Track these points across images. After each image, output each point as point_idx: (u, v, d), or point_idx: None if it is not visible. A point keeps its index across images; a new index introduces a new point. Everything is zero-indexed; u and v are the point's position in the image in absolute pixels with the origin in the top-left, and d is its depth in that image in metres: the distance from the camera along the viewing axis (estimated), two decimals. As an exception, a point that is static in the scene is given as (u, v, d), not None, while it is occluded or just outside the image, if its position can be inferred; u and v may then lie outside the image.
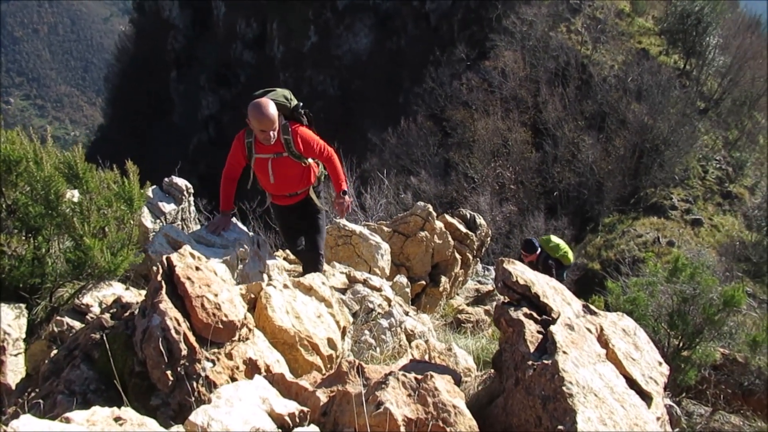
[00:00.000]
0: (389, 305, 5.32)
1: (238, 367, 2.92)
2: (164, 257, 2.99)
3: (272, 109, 4.43)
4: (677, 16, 31.87)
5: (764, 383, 5.71)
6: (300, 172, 4.90)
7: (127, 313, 3.09)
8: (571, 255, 8.70)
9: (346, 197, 4.86)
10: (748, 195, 26.82)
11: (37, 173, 3.14)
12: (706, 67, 30.97)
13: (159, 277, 2.89)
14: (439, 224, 8.39)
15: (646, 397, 2.47)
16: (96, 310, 3.45)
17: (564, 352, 2.30)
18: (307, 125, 4.92)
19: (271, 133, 4.47)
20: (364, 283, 5.63)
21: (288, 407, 2.33)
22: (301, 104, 4.87)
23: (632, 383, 2.47)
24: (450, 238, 8.52)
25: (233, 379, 2.83)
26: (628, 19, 34.62)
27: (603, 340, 2.59)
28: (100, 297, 3.53)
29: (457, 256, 8.70)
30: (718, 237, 24.57)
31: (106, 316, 3.06)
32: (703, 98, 30.41)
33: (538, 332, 2.51)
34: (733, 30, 32.64)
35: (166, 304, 2.75)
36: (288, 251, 6.56)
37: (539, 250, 8.57)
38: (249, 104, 4.45)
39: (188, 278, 2.90)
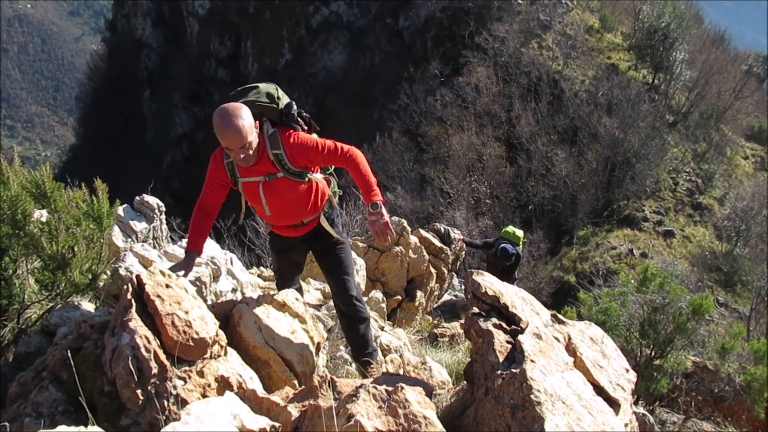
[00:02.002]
0: (364, 320, 5.31)
1: (210, 385, 2.90)
2: (134, 275, 2.97)
3: (240, 120, 3.25)
4: (645, 32, 32.60)
5: (734, 390, 5.81)
6: (302, 195, 3.74)
7: (96, 333, 3.06)
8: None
9: (383, 212, 3.42)
10: (717, 206, 27.37)
11: (4, 193, 3.10)
12: (674, 82, 31.66)
13: (128, 296, 2.87)
14: (413, 239, 8.43)
15: (613, 403, 2.51)
16: (65, 330, 3.40)
17: (532, 361, 2.34)
18: (305, 131, 3.76)
19: (240, 152, 3.31)
20: (339, 298, 5.62)
21: (259, 423, 2.32)
22: (294, 103, 3.69)
23: (600, 390, 2.51)
24: (425, 253, 8.56)
25: (205, 397, 2.81)
26: (597, 35, 35.32)
27: (571, 349, 2.63)
28: (69, 317, 3.49)
29: (432, 270, 8.74)
30: (690, 248, 25.01)
31: (75, 336, 3.02)
32: (671, 112, 31.06)
33: (508, 342, 2.55)
34: (698, 45, 33.44)
35: (135, 323, 2.74)
36: (262, 269, 6.51)
37: (514, 249, 8.74)
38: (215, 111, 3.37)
39: (158, 296, 2.89)
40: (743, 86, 32.82)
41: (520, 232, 9.06)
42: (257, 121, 3.45)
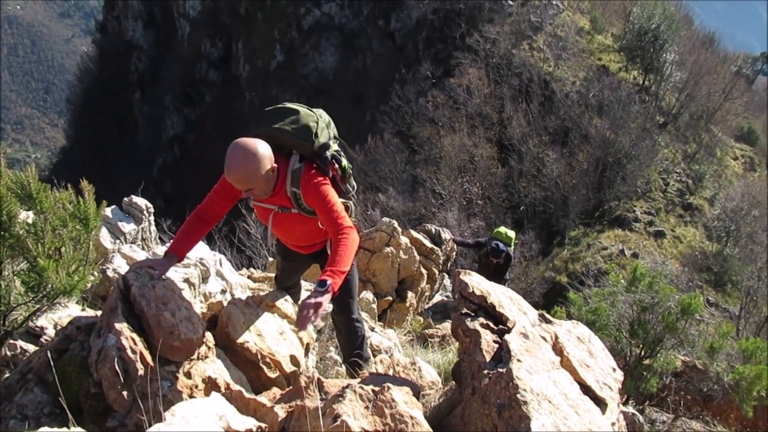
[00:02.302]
0: (354, 321, 5.31)
1: (197, 386, 2.89)
2: (120, 276, 2.96)
3: (249, 163, 3.00)
4: (635, 33, 32.75)
5: (723, 389, 5.84)
6: (313, 230, 3.61)
7: (82, 335, 3.04)
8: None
9: (322, 299, 2.84)
10: (707, 206, 27.53)
11: (-11, 194, 3.08)
12: (664, 83, 31.84)
13: (115, 297, 2.86)
14: (404, 240, 8.43)
15: (600, 403, 2.52)
16: (51, 332, 3.39)
17: (518, 360, 2.34)
18: (335, 177, 3.49)
19: (244, 193, 3.21)
20: (329, 299, 5.61)
21: (245, 423, 2.32)
22: (331, 143, 3.42)
23: (587, 390, 2.52)
24: (416, 254, 8.57)
25: (192, 398, 2.80)
26: (588, 36, 35.47)
27: (558, 348, 2.63)
28: (55, 319, 3.47)
29: (423, 271, 8.74)
30: (681, 248, 25.14)
31: (61, 337, 3.00)
32: (661, 113, 31.23)
33: (495, 342, 2.55)
34: (688, 47, 33.64)
35: (121, 324, 2.72)
36: (252, 270, 6.48)
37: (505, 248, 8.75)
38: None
39: (144, 297, 2.87)
40: (733, 87, 33.05)
41: (511, 233, 9.06)
42: (282, 155, 3.28)
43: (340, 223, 3.18)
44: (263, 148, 3.07)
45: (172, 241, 3.41)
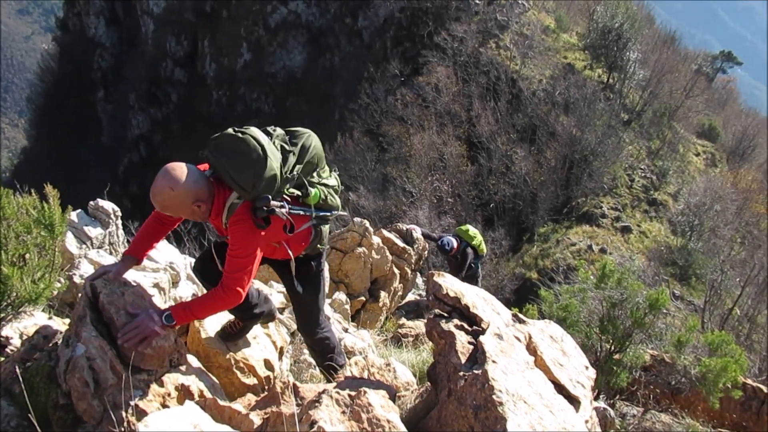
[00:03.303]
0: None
1: (170, 394, 2.84)
2: (88, 283, 2.89)
3: (169, 194, 2.77)
4: (599, 32, 33.24)
5: (690, 381, 5.97)
6: (274, 251, 3.36)
7: (50, 344, 2.97)
8: (485, 247, 9.45)
9: (161, 329, 2.82)
10: (671, 202, 28.10)
11: (-51, 201, 2.99)
12: (628, 81, 32.37)
13: (83, 304, 2.79)
14: (376, 240, 8.43)
15: (574, 401, 2.55)
16: (16, 342, 3.29)
17: (493, 362, 2.36)
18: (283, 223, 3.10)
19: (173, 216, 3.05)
20: (302, 301, 5.58)
21: (220, 432, 2.28)
22: (269, 200, 2.91)
23: (560, 388, 2.54)
24: (388, 253, 8.57)
25: (165, 407, 2.75)
26: (553, 35, 35.89)
27: (531, 348, 2.66)
28: (20, 328, 3.37)
29: (396, 270, 8.76)
30: (647, 243, 25.61)
31: (27, 347, 2.93)
32: (626, 110, 31.76)
33: (469, 343, 2.56)
34: (650, 45, 34.25)
35: (90, 332, 2.66)
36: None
37: (456, 243, 8.88)
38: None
39: (113, 304, 2.82)
40: (693, 85, 33.78)
41: (474, 232, 9.27)
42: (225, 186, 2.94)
43: (226, 277, 2.92)
44: (188, 183, 2.78)
45: (131, 243, 3.29)
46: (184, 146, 43.56)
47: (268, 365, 3.79)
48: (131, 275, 3.26)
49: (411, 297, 10.11)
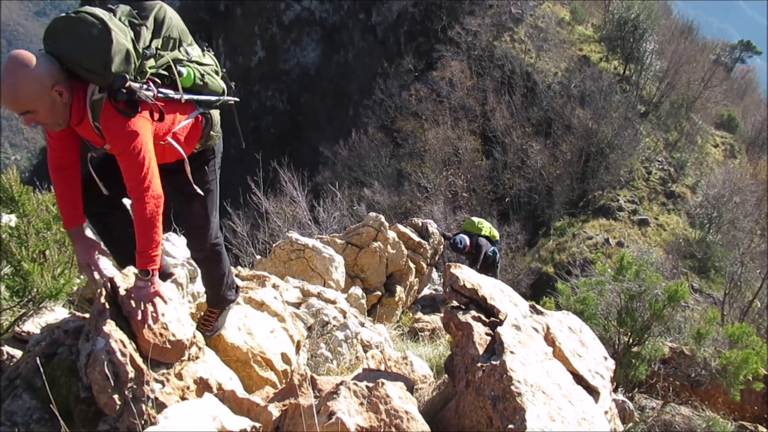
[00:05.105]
0: (344, 317, 5.30)
1: (188, 387, 2.86)
2: (107, 278, 2.92)
3: (20, 75, 2.35)
4: (615, 23, 32.96)
5: (710, 374, 5.91)
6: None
7: (70, 338, 3.00)
8: (495, 231, 9.09)
9: (154, 281, 2.72)
10: (690, 194, 27.81)
11: (-30, 198, 3.03)
12: (645, 72, 32.07)
13: (102, 299, 2.82)
14: (391, 234, 8.43)
15: (593, 391, 2.53)
16: (38, 337, 3.33)
17: (511, 352, 2.35)
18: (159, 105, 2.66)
19: (26, 118, 2.48)
20: (318, 296, 5.61)
21: (239, 424, 2.30)
22: (127, 77, 2.48)
23: (579, 379, 2.53)
24: (403, 248, 8.57)
25: (184, 400, 2.78)
26: (568, 27, 35.62)
27: (550, 339, 2.64)
28: (42, 323, 3.42)
29: (411, 265, 8.75)
30: (664, 236, 25.38)
31: (49, 342, 2.96)
32: (642, 102, 31.47)
33: (487, 334, 2.55)
34: (667, 36, 33.91)
35: (110, 326, 2.68)
36: (239, 269, 6.43)
37: (468, 240, 8.75)
38: None
39: (133, 298, 2.84)
40: (712, 75, 33.36)
41: (479, 221, 9.07)
42: (80, 80, 2.50)
43: (132, 189, 2.60)
44: (42, 62, 2.39)
45: (62, 216, 2.91)
46: (200, 144, 43.80)
47: (286, 359, 3.81)
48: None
49: (427, 291, 10.10)
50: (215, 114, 3.13)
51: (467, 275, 2.82)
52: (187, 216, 3.20)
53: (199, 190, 3.03)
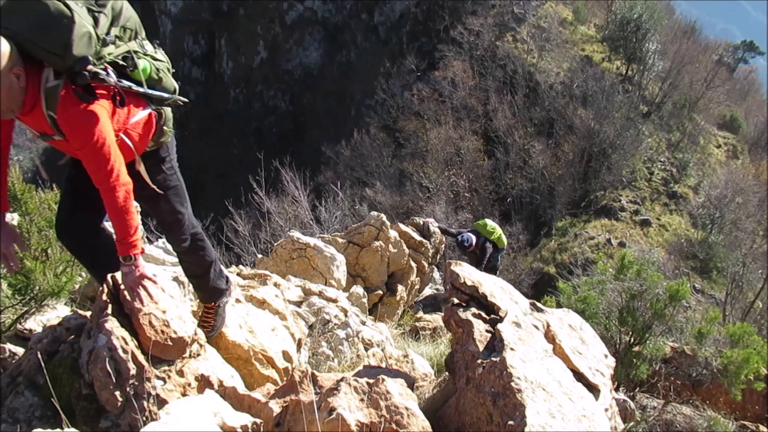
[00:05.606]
0: (345, 316, 5.31)
1: (190, 384, 2.88)
2: (109, 276, 2.93)
3: None
4: (617, 23, 32.92)
5: (711, 373, 5.90)
6: None
7: (72, 336, 3.01)
8: (504, 239, 9.22)
9: (138, 264, 2.70)
10: (692, 194, 27.77)
11: (-27, 196, 3.04)
12: (647, 72, 32.03)
13: (104, 297, 2.83)
14: (393, 233, 8.44)
15: (593, 389, 2.53)
16: (40, 334, 3.35)
17: (512, 349, 2.35)
18: (118, 93, 2.59)
19: None
20: (320, 294, 5.62)
21: (240, 420, 2.31)
22: (89, 58, 2.40)
23: (580, 376, 2.53)
24: (405, 247, 8.57)
25: (185, 397, 2.79)
26: (571, 27, 35.59)
27: (550, 336, 2.65)
28: (44, 321, 3.43)
29: (413, 264, 8.75)
30: (666, 236, 25.35)
31: (50, 339, 2.97)
32: (645, 102, 31.42)
33: (487, 331, 2.56)
34: (670, 36, 33.86)
35: (112, 324, 2.70)
36: (241, 268, 6.44)
37: (474, 239, 8.79)
38: None
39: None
40: (714, 76, 33.30)
41: (492, 225, 9.12)
42: (34, 64, 2.38)
43: (99, 181, 2.53)
44: (1, 44, 2.23)
45: None
46: (202, 144, 43.92)
47: (287, 357, 3.82)
48: (152, 269, 3.28)
49: (428, 291, 10.11)
50: (167, 111, 3.07)
51: (468, 272, 2.83)
52: (156, 215, 3.13)
53: (158, 190, 2.95)
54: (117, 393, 2.63)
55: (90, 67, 2.39)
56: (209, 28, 50.88)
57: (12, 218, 3.48)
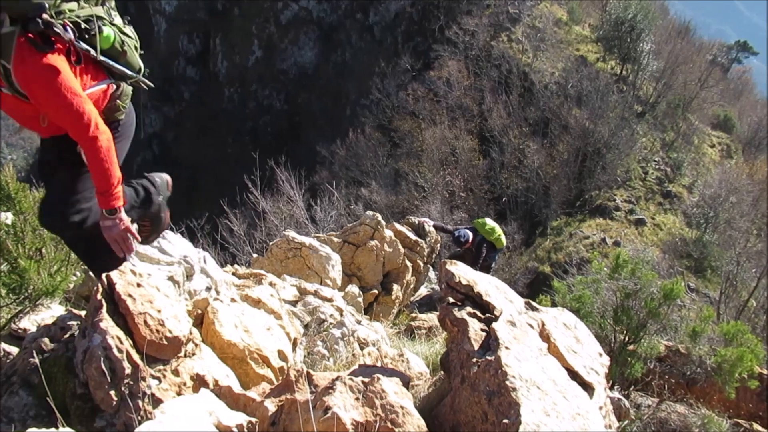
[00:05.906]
0: (341, 315, 5.31)
1: (185, 384, 2.87)
2: (104, 275, 2.92)
3: None
4: (612, 23, 32.99)
5: (705, 372, 5.92)
6: (38, 118, 2.54)
7: (67, 335, 3.01)
8: (503, 239, 9.11)
9: (122, 217, 2.57)
10: (686, 194, 27.87)
11: (-33, 195, 3.03)
12: (641, 72, 32.11)
13: (99, 296, 2.83)
14: (388, 233, 8.44)
15: (587, 387, 2.54)
16: (34, 333, 3.34)
17: (506, 348, 2.36)
18: (74, 51, 2.43)
19: None
20: (315, 294, 5.61)
21: (235, 419, 2.31)
22: (45, 5, 2.27)
23: (574, 375, 2.54)
24: (400, 246, 8.58)
25: (180, 396, 2.78)
26: (565, 27, 35.65)
27: (545, 335, 2.66)
28: (38, 320, 3.42)
29: (408, 263, 8.76)
30: (661, 235, 25.43)
31: (45, 339, 2.96)
32: (639, 102, 31.51)
33: (482, 330, 2.56)
34: (664, 36, 33.97)
35: (106, 323, 2.70)
36: (236, 267, 6.43)
37: (471, 236, 8.75)
38: None
39: (129, 295, 2.85)
40: (708, 76, 33.44)
41: (491, 225, 9.06)
42: None
43: (82, 130, 2.38)
44: None
45: None
46: (197, 144, 43.85)
47: (282, 356, 3.81)
48: (145, 268, 3.28)
49: (424, 290, 10.11)
50: (127, 87, 2.92)
51: (463, 272, 2.84)
52: (63, 182, 2.70)
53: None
54: (112, 392, 2.63)
55: (45, 16, 2.25)
56: (204, 28, 50.73)
57: (6, 217, 3.47)
